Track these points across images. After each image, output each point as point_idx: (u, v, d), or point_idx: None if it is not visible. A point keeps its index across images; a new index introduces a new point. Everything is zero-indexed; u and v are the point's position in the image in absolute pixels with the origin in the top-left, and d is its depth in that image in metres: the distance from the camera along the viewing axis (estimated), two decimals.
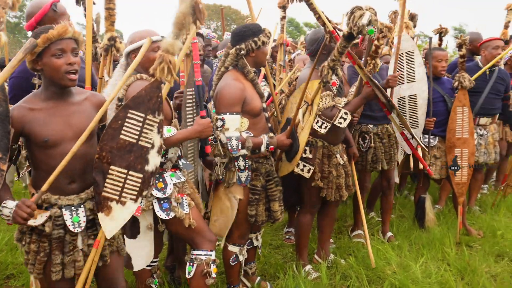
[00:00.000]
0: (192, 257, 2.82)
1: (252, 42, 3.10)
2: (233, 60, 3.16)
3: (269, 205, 3.26)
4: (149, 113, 2.34)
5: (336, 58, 3.10)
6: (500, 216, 5.08)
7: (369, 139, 4.45)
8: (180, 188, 2.77)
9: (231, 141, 2.98)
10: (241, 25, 3.36)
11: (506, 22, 5.74)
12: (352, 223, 4.88)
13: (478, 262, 3.94)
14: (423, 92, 4.41)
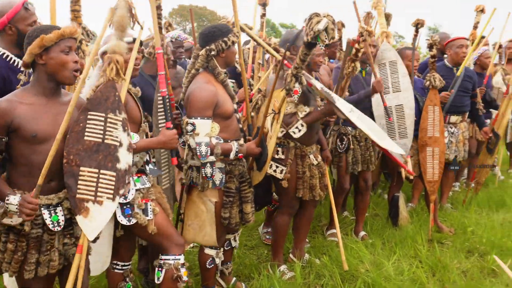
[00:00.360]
0: (161, 262, 2.78)
1: (222, 42, 3.07)
2: (203, 61, 3.12)
3: (242, 207, 3.26)
4: (109, 112, 2.36)
5: (298, 66, 3.10)
6: (471, 213, 5.18)
7: (347, 141, 4.49)
8: (145, 193, 2.71)
9: (200, 147, 2.94)
10: (209, 25, 3.34)
11: (475, 23, 5.86)
12: (326, 222, 4.93)
13: (449, 259, 4.02)
14: (409, 101, 4.48)
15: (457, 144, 5.16)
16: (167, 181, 3.29)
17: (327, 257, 4.05)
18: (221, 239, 3.32)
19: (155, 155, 3.13)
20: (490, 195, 5.81)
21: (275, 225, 3.90)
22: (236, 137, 3.21)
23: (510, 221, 4.97)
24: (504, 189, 6.13)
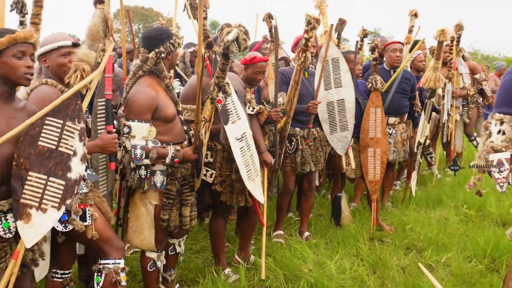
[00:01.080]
0: (100, 266, 2.73)
1: (170, 45, 3.10)
2: (152, 64, 3.11)
3: (181, 210, 3.25)
4: (67, 120, 2.30)
5: (219, 75, 3.10)
6: (410, 211, 5.36)
7: (295, 141, 4.54)
8: (83, 199, 2.67)
9: (136, 149, 2.95)
10: (151, 28, 3.33)
11: (409, 27, 6.08)
12: (272, 223, 4.97)
13: (389, 256, 4.14)
14: (350, 96, 4.64)
15: (395, 145, 5.33)
16: (105, 187, 3.22)
17: (271, 258, 4.09)
18: (162, 242, 3.29)
19: (92, 161, 3.06)
20: (428, 194, 6.03)
21: (211, 229, 3.91)
22: (179, 140, 3.23)
23: (446, 217, 5.18)
24: (441, 187, 6.37)
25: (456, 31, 6.41)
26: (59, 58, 2.67)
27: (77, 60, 2.38)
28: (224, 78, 3.15)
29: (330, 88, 4.62)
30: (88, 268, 3.57)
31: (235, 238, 4.57)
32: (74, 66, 2.35)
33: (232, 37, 2.86)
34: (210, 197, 4.01)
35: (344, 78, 4.63)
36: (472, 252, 4.16)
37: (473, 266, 3.94)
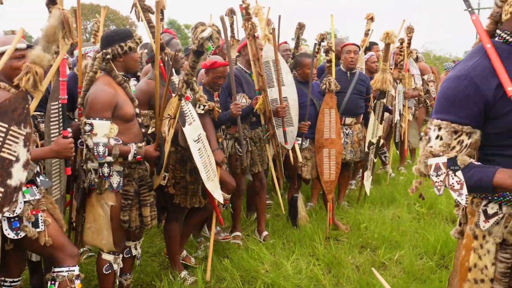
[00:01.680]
0: (54, 275, 2.69)
1: (119, 47, 3.11)
2: (99, 64, 3.16)
3: (141, 211, 3.24)
4: (13, 124, 2.23)
5: (189, 73, 3.17)
6: (365, 210, 5.48)
7: (245, 143, 4.56)
8: (35, 205, 2.61)
9: (98, 147, 2.94)
10: (112, 29, 3.33)
11: (366, 30, 6.23)
12: (229, 225, 4.98)
13: (344, 255, 4.22)
14: (293, 94, 4.75)
15: (352, 145, 5.44)
16: (58, 192, 3.16)
17: (228, 260, 4.10)
18: (120, 244, 3.27)
19: (46, 166, 3.01)
20: (383, 192, 6.17)
21: (165, 232, 3.91)
22: (137, 141, 3.22)
23: (399, 215, 5.32)
24: (395, 186, 6.54)
25: (407, 33, 6.59)
26: (12, 61, 2.57)
27: (30, 62, 2.31)
28: (193, 76, 3.22)
29: (273, 87, 4.72)
30: (41, 275, 3.49)
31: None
32: (26, 68, 2.29)
33: (207, 34, 2.95)
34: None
35: (286, 78, 4.77)
36: (423, 249, 4.29)
37: (424, 263, 4.07)
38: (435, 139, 1.86)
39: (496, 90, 1.77)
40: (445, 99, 1.87)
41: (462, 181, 1.77)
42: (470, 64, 1.84)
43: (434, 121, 1.88)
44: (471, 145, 1.84)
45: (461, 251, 2.02)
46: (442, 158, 1.82)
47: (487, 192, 1.86)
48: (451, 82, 1.86)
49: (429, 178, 1.87)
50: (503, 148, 1.84)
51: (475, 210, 1.94)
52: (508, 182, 1.67)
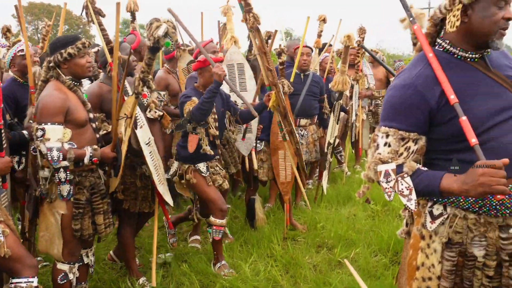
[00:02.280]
0: (12, 286, 2.63)
1: (59, 55, 3.07)
2: (46, 71, 3.12)
3: (94, 219, 3.20)
4: None
5: (145, 70, 3.16)
6: (322, 209, 5.57)
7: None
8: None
9: (52, 152, 2.88)
10: (59, 36, 3.29)
11: (318, 31, 6.32)
12: (189, 228, 4.96)
13: (301, 255, 4.28)
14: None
15: (307, 145, 5.52)
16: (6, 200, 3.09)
17: (187, 264, 4.09)
18: (73, 254, 3.21)
19: None
20: (339, 191, 6.28)
21: (119, 239, 3.87)
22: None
23: (355, 214, 5.44)
24: (351, 185, 6.66)
25: (360, 34, 6.72)
26: None
27: None
28: (149, 73, 3.19)
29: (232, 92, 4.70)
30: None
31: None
32: None
33: (163, 31, 2.93)
34: None
35: (250, 83, 4.79)
36: (377, 247, 4.40)
37: (378, 260, 4.17)
38: (384, 146, 1.92)
39: (440, 98, 1.84)
40: (392, 107, 1.93)
41: (411, 186, 1.84)
42: (414, 73, 1.91)
43: (382, 129, 1.94)
44: (417, 151, 1.91)
45: (409, 250, 2.10)
46: (391, 164, 1.88)
47: (435, 197, 1.94)
48: (397, 91, 1.92)
49: (378, 184, 1.93)
50: (447, 153, 1.91)
51: (421, 211, 2.02)
52: (455, 187, 1.74)
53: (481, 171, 1.66)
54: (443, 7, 1.89)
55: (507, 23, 1.85)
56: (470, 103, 1.83)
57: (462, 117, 1.76)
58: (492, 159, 1.70)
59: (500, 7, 1.82)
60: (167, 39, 2.97)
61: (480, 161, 1.69)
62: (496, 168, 1.65)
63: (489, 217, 1.89)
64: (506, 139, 1.84)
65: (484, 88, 1.88)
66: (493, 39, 1.86)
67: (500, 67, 1.96)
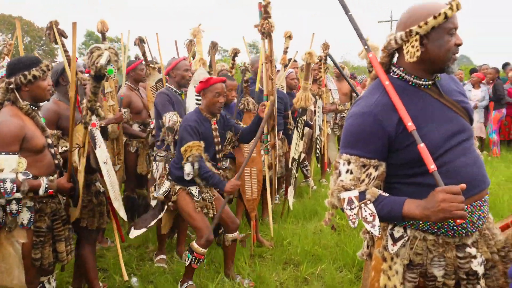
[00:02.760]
0: None
1: (22, 76, 3.00)
2: (3, 94, 3.01)
3: (55, 246, 3.12)
4: None
5: (91, 99, 3.09)
6: (288, 224, 5.60)
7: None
8: None
9: (5, 183, 2.79)
10: (17, 57, 3.21)
11: (284, 48, 6.38)
12: (154, 248, 4.90)
13: (268, 272, 4.28)
14: None
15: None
16: None
17: (153, 285, 4.04)
18: (34, 282, 3.12)
19: None
20: (305, 206, 6.33)
21: (80, 259, 3.76)
22: (48, 173, 3.09)
23: (321, 229, 5.48)
24: (317, 199, 6.71)
25: (323, 50, 6.83)
26: None
27: None
28: (96, 101, 3.13)
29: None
30: None
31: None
32: None
33: (105, 60, 2.86)
34: None
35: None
36: (343, 262, 4.44)
37: (343, 276, 4.21)
38: (346, 173, 1.96)
39: (397, 126, 1.90)
40: (352, 135, 1.97)
41: (374, 213, 1.88)
42: (372, 101, 1.96)
43: (343, 156, 1.98)
44: (378, 177, 1.95)
45: (370, 272, 2.13)
46: (354, 192, 1.92)
47: (398, 222, 2.00)
48: (356, 119, 1.97)
49: (342, 211, 1.97)
50: (407, 177, 1.97)
51: (382, 234, 2.06)
52: (416, 212, 1.79)
53: (441, 197, 1.71)
54: (399, 38, 1.95)
55: (458, 49, 1.94)
56: (425, 129, 1.90)
57: (420, 144, 1.82)
58: (448, 183, 1.77)
59: (451, 34, 1.91)
60: (110, 66, 2.90)
61: (440, 187, 1.75)
62: (455, 194, 1.71)
63: (447, 237, 1.95)
64: (459, 163, 1.92)
65: (438, 113, 1.95)
66: (448, 65, 1.95)
67: (450, 92, 2.05)
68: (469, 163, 1.94)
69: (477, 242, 1.99)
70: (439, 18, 1.86)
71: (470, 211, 1.92)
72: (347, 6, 2.15)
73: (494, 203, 5.94)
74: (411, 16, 1.94)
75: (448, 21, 1.88)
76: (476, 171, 1.96)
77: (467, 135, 2.00)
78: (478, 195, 1.95)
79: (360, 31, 2.13)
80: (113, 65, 2.91)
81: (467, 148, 1.98)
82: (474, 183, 1.93)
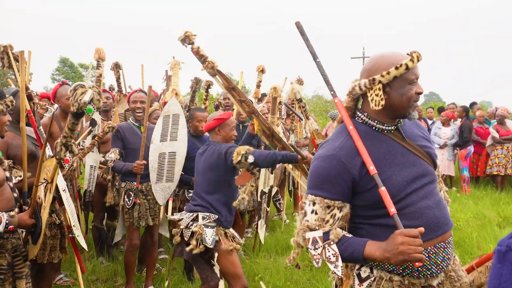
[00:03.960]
0: None
1: None
2: None
3: (15, 284, 3.00)
4: None
5: (67, 135, 3.04)
6: (260, 259, 5.57)
7: (133, 195, 4.53)
8: None
9: None
10: None
11: (257, 82, 6.48)
12: (123, 282, 4.81)
13: None
14: (182, 151, 4.78)
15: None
16: None
17: None
18: None
19: None
20: (277, 239, 6.32)
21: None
22: (8, 207, 2.95)
23: (293, 264, 5.46)
24: (290, 233, 6.70)
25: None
26: None
27: None
28: (72, 138, 3.06)
29: (165, 140, 4.76)
30: None
31: None
32: None
33: (89, 97, 2.85)
34: None
35: (181, 133, 4.81)
36: None
37: None
38: (311, 213, 2.00)
39: (361, 169, 1.96)
40: (317, 177, 2.02)
41: (337, 253, 1.91)
42: (337, 144, 2.02)
43: (309, 197, 2.02)
44: (342, 218, 2.00)
45: None
46: (318, 232, 1.96)
47: (360, 263, 2.03)
48: (322, 161, 2.02)
49: (306, 251, 2.00)
50: (370, 218, 2.02)
51: (350, 274, 2.09)
52: (377, 255, 1.83)
53: (400, 240, 1.76)
54: (363, 85, 2.03)
55: (418, 97, 2.03)
56: (388, 172, 1.96)
57: (381, 187, 1.88)
58: (411, 223, 1.82)
59: (413, 83, 2.00)
60: (90, 105, 2.91)
61: (399, 230, 1.80)
62: (413, 237, 1.75)
63: (412, 278, 1.98)
64: (422, 204, 1.97)
65: (400, 157, 2.02)
66: (409, 112, 2.03)
67: (414, 137, 2.13)
68: (432, 206, 2.00)
69: (443, 283, 2.03)
70: (400, 68, 1.95)
71: (434, 253, 1.97)
72: (315, 53, 2.23)
73: (464, 240, 6.05)
74: (374, 65, 2.02)
75: (409, 71, 1.97)
76: (439, 213, 2.01)
77: (430, 178, 2.06)
78: (442, 237, 2.00)
79: (327, 77, 2.22)
80: (94, 104, 2.89)
81: (430, 191, 2.04)
82: (438, 225, 1.98)
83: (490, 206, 8.50)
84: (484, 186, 10.47)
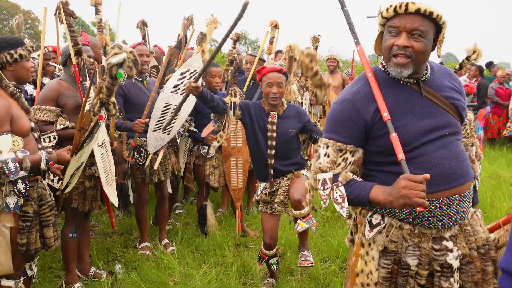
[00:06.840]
0: None
1: (8, 55, 2.96)
2: None
3: (42, 232, 3.08)
4: None
5: (103, 92, 3.02)
6: None
7: (144, 152, 4.55)
8: None
9: (7, 164, 2.72)
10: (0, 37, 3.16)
11: (270, 38, 6.36)
12: (138, 235, 4.91)
13: (253, 262, 4.30)
14: (189, 107, 4.74)
15: None
16: None
17: (136, 272, 4.04)
18: (20, 268, 3.07)
19: None
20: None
21: (62, 239, 3.75)
22: None
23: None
24: None
25: (313, 43, 6.83)
26: None
27: None
28: (109, 97, 3.04)
29: (176, 93, 4.70)
30: None
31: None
32: None
33: (116, 61, 2.75)
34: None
35: None
36: (327, 253, 4.48)
37: (327, 267, 4.25)
38: (324, 156, 2.02)
39: (374, 114, 1.96)
40: (332, 120, 2.04)
41: (344, 195, 1.95)
42: (354, 89, 2.04)
43: (323, 140, 2.05)
44: (354, 162, 2.01)
45: (352, 257, 2.18)
46: (328, 173, 1.98)
47: (366, 206, 2.05)
48: (337, 106, 2.04)
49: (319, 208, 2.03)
50: (382, 165, 2.02)
51: (363, 220, 2.10)
52: (381, 198, 1.85)
53: (403, 183, 1.76)
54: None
55: (398, 49, 1.92)
56: (403, 121, 1.95)
57: (392, 134, 1.88)
58: (422, 173, 1.80)
59: (392, 34, 1.94)
60: (121, 70, 2.79)
61: (404, 174, 1.79)
62: (417, 182, 1.74)
63: (423, 228, 1.98)
64: (437, 154, 1.95)
65: (420, 108, 1.99)
66: (389, 65, 1.98)
67: (441, 88, 2.07)
68: (448, 157, 1.97)
69: (456, 236, 2.01)
70: (379, 17, 1.97)
71: (446, 204, 1.95)
72: (344, 1, 2.21)
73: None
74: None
75: (389, 20, 1.95)
76: (456, 165, 1.98)
77: (452, 130, 2.02)
78: (457, 189, 1.97)
79: (352, 25, 2.20)
80: (125, 70, 2.80)
81: (449, 142, 2.00)
82: (452, 176, 1.96)
83: (505, 166, 8.45)
84: (499, 147, 10.37)
